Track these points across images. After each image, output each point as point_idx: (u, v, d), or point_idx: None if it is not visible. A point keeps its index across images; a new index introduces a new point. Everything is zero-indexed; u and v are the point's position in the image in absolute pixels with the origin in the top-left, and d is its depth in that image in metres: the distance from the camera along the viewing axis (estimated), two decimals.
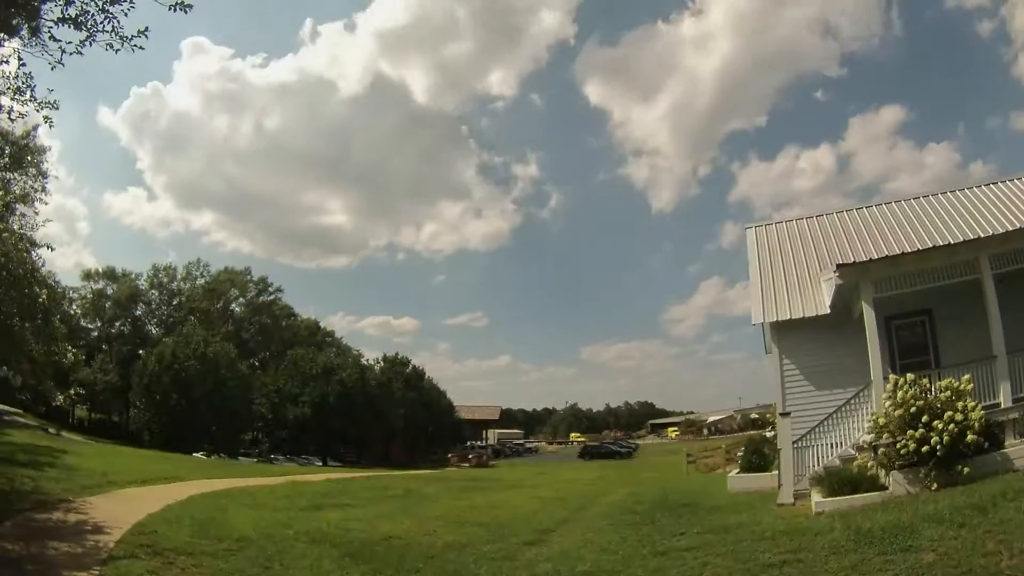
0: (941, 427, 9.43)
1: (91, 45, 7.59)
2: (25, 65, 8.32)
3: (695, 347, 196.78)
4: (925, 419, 9.69)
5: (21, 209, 16.90)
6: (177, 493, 13.40)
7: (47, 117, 8.71)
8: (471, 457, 53.72)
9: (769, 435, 20.10)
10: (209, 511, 11.49)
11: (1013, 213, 14.77)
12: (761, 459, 16.51)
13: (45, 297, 13.78)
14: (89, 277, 60.73)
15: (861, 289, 12.15)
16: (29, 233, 15.82)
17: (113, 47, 7.59)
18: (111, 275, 61.37)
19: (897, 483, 9.85)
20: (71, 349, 19.30)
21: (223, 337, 53.12)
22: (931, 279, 11.83)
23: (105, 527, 8.46)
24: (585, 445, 67.83)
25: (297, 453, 47.54)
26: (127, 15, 7.56)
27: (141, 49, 7.68)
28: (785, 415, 13.04)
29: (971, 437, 9.33)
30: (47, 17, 7.49)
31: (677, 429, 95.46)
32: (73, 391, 49.83)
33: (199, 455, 36.39)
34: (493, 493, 19.56)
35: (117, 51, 7.60)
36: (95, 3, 7.41)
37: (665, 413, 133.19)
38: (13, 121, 10.90)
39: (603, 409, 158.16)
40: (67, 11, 7.39)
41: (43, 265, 14.91)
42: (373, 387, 55.62)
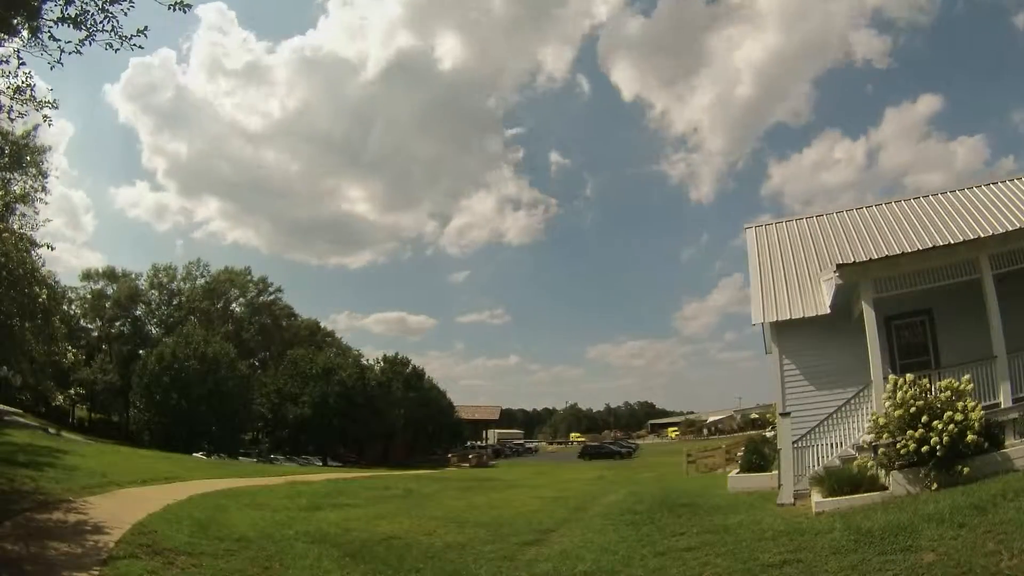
0: (941, 427, 9.44)
1: (91, 44, 7.66)
2: (25, 64, 8.36)
3: (707, 345, 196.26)
4: (925, 419, 9.69)
5: (21, 209, 16.96)
6: (177, 493, 13.39)
7: (46, 117, 8.73)
8: (471, 457, 53.58)
9: (769, 435, 20.13)
10: (209, 511, 11.49)
11: (1013, 213, 14.77)
12: (761, 459, 16.49)
13: (45, 297, 13.81)
14: (89, 277, 60.90)
15: (861, 289, 12.16)
16: (29, 233, 15.87)
17: (112, 46, 7.65)
18: (111, 275, 61.45)
19: (897, 483, 9.85)
20: (71, 349, 19.35)
21: (223, 337, 53.06)
22: (931, 279, 11.83)
23: (105, 527, 8.45)
24: (585, 445, 67.61)
25: (297, 453, 47.41)
26: (127, 14, 7.61)
27: (140, 48, 7.73)
28: (785, 415, 13.03)
29: (971, 437, 9.34)
30: (47, 17, 7.53)
31: (677, 429, 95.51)
32: (73, 391, 49.63)
33: (199, 455, 36.30)
34: (493, 493, 19.56)
35: (116, 51, 7.67)
36: (95, 3, 7.45)
37: (665, 413, 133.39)
38: (13, 121, 10.93)
39: (603, 409, 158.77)
40: (67, 11, 7.44)
41: (43, 265, 14.95)
42: (373, 387, 55.58)
